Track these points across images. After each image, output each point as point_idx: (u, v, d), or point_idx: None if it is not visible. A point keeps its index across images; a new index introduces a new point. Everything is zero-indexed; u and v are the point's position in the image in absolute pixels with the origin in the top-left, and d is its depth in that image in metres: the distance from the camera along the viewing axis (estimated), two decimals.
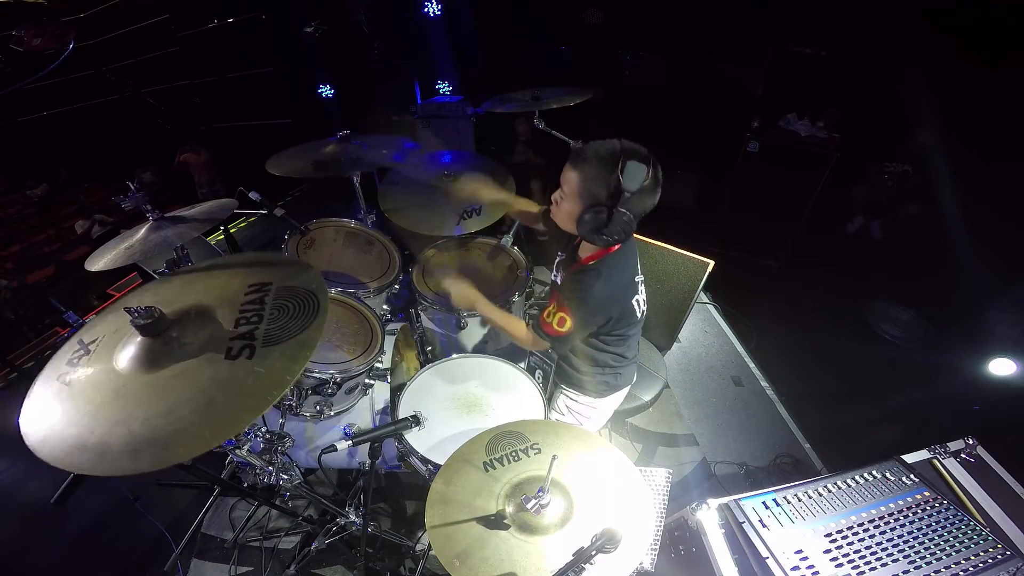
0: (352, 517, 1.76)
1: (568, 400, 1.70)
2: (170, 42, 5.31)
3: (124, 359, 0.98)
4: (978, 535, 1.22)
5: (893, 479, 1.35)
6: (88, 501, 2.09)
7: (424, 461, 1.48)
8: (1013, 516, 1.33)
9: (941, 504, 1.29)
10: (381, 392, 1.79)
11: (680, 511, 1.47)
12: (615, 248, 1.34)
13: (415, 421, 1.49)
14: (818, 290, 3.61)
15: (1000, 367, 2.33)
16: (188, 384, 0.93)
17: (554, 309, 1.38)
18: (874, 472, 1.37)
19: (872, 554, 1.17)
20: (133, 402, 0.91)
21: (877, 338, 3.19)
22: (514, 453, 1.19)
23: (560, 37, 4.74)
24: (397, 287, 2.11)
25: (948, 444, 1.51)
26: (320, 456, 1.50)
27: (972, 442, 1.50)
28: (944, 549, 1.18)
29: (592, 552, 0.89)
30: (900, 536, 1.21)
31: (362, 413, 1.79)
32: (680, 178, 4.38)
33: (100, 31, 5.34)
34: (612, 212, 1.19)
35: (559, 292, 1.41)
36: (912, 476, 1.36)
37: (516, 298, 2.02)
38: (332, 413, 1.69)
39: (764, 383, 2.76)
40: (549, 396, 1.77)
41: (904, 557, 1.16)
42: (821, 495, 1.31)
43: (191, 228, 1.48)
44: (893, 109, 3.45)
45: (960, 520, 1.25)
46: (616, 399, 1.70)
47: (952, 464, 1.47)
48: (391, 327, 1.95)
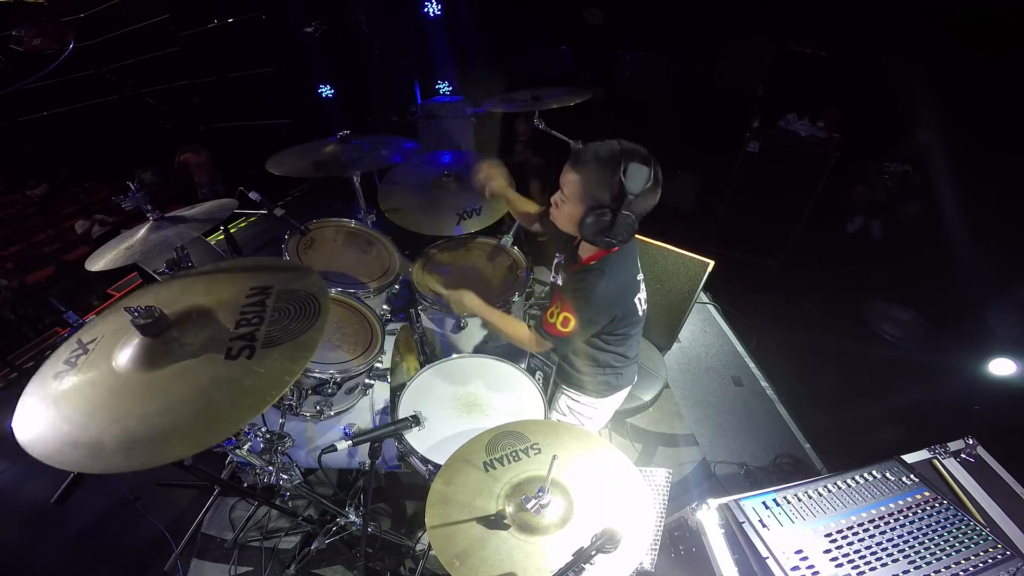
0: (352, 517, 1.76)
1: (569, 400, 1.69)
2: (170, 42, 5.30)
3: (123, 358, 0.98)
4: (978, 535, 1.22)
5: (893, 479, 1.35)
6: (88, 501, 2.09)
7: (424, 461, 1.48)
8: (1013, 516, 1.33)
9: (941, 504, 1.29)
10: (381, 392, 1.79)
11: (680, 511, 1.47)
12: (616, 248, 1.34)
13: (415, 421, 1.49)
14: (818, 290, 3.62)
15: (1000, 367, 2.33)
16: (186, 383, 0.93)
17: (557, 310, 1.37)
18: (874, 472, 1.37)
19: (872, 554, 1.17)
20: (130, 400, 0.91)
21: (877, 338, 3.19)
22: (514, 453, 1.19)
23: (560, 37, 4.74)
24: (397, 287, 2.11)
25: (948, 444, 1.51)
26: (320, 456, 1.50)
27: (972, 442, 1.50)
28: (944, 549, 1.18)
29: (592, 552, 0.89)
30: (900, 536, 1.21)
31: (362, 413, 1.79)
32: (680, 178, 4.38)
33: (100, 31, 5.33)
34: (616, 215, 1.18)
35: (561, 293, 1.40)
36: (912, 476, 1.36)
37: (516, 298, 2.02)
38: (332, 413, 1.69)
39: (764, 383, 2.76)
40: (550, 397, 1.77)
41: (904, 557, 1.17)
42: (821, 495, 1.31)
43: (191, 228, 1.48)
44: (893, 109, 3.45)
45: (960, 520, 1.25)
46: (617, 399, 1.70)
47: (952, 464, 1.47)
48: (391, 327, 1.95)
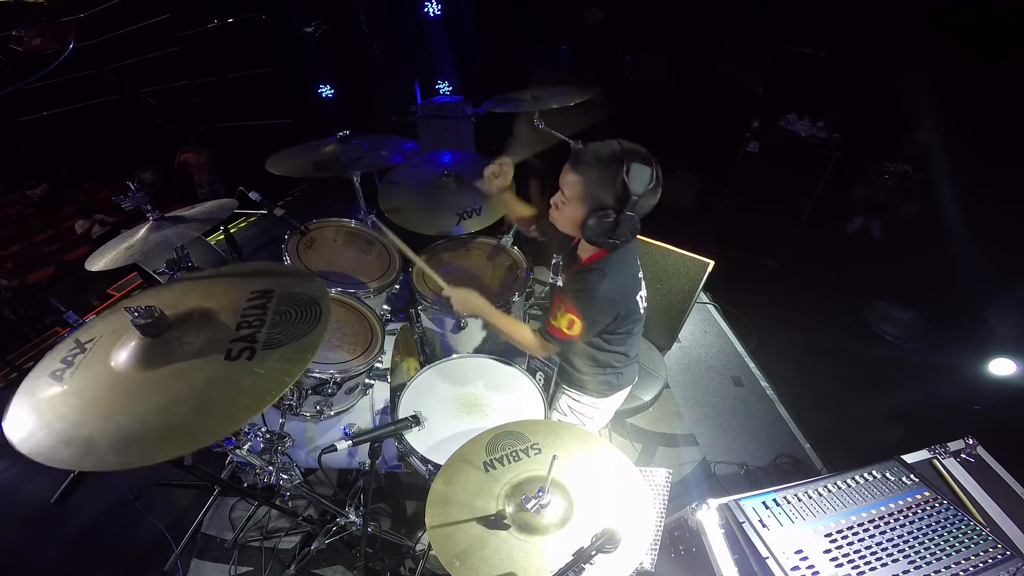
0: (352, 517, 1.76)
1: (570, 400, 1.69)
2: (170, 42, 5.29)
3: (121, 357, 0.98)
4: (978, 535, 1.22)
5: (893, 479, 1.35)
6: (88, 501, 2.09)
7: (424, 461, 1.48)
8: (1013, 516, 1.33)
9: (941, 504, 1.29)
10: (381, 392, 1.79)
11: (680, 511, 1.47)
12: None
13: (415, 421, 1.49)
14: (818, 290, 3.61)
15: (1000, 367, 2.33)
16: (185, 382, 0.92)
17: (561, 312, 1.35)
18: (874, 472, 1.37)
19: (872, 554, 1.17)
20: (126, 399, 0.91)
21: (877, 338, 3.19)
22: (514, 453, 1.19)
23: (560, 37, 4.73)
24: (397, 287, 2.11)
25: (948, 444, 1.51)
26: (320, 456, 1.50)
27: (972, 442, 1.50)
28: (944, 549, 1.18)
29: (592, 552, 0.89)
30: (900, 536, 1.21)
31: (362, 413, 1.79)
32: (680, 178, 4.38)
33: (100, 31, 5.33)
34: (619, 215, 1.18)
35: (562, 294, 1.39)
36: (912, 476, 1.36)
37: (516, 298, 2.02)
38: (332, 413, 1.69)
39: (764, 383, 2.76)
40: (551, 397, 1.77)
41: (904, 557, 1.17)
42: (821, 495, 1.31)
43: (191, 228, 1.49)
44: (893, 109, 3.44)
45: (960, 520, 1.25)
46: (618, 399, 1.70)
47: (952, 464, 1.47)
48: (391, 327, 1.95)
